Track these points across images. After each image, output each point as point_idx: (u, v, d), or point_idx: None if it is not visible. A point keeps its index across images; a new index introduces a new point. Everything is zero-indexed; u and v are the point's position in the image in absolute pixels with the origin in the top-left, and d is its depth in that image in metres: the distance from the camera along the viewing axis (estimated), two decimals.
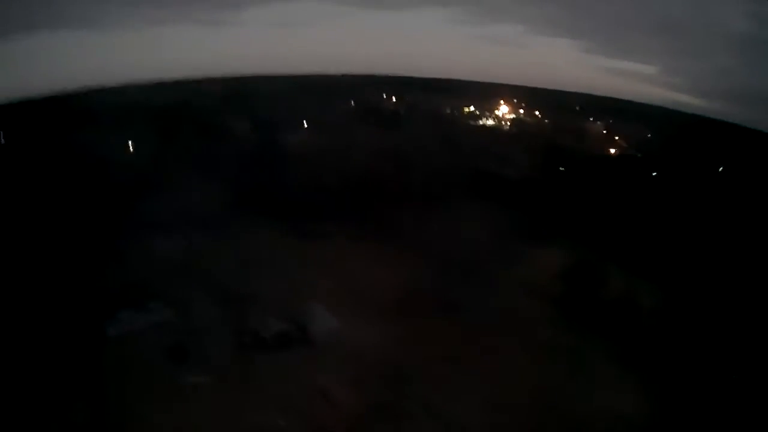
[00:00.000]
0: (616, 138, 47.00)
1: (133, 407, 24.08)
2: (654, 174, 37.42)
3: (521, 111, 53.63)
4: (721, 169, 39.07)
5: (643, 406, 24.40)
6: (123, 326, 28.27)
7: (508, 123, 53.36)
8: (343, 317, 29.64)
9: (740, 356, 26.23)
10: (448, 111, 52.08)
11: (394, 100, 51.01)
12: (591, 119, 50.69)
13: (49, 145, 37.96)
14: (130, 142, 41.95)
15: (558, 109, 49.93)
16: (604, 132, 48.41)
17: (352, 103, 50.11)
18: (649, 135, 45.80)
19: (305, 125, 47.23)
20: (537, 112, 52.42)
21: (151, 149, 39.84)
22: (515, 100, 54.08)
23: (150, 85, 46.58)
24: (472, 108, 54.43)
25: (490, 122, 53.83)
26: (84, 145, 36.96)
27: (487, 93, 53.10)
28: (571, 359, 26.69)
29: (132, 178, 35.51)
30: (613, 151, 43.79)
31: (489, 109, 54.14)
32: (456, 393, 24.99)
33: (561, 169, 40.19)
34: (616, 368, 26.07)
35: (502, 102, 53.73)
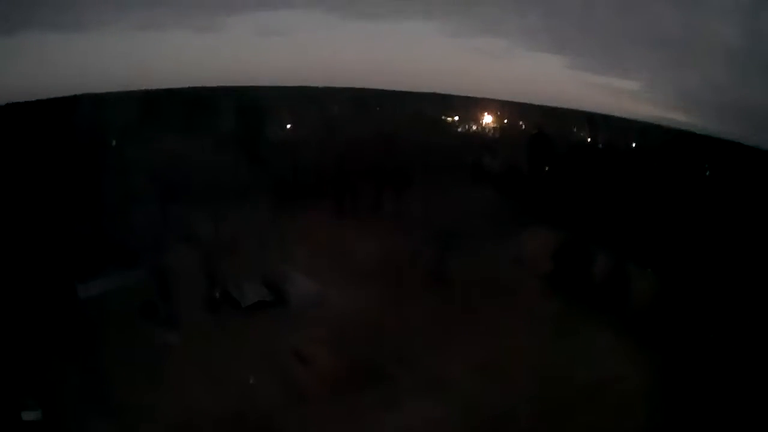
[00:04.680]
0: (599, 146, 48.32)
1: (106, 366, 23.97)
2: (635, 178, 38.34)
3: (504, 121, 55.19)
4: (705, 173, 40.08)
5: (636, 371, 24.23)
6: (100, 287, 28.38)
7: (491, 131, 54.87)
8: (323, 283, 29.52)
9: (727, 323, 26.52)
10: (434, 119, 53.64)
11: (376, 109, 52.23)
12: (574, 129, 52.20)
13: (35, 143, 38.26)
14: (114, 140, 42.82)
15: (541, 120, 51.43)
16: (588, 141, 49.85)
17: (335, 111, 51.50)
18: (633, 145, 47.21)
19: (289, 127, 48.48)
20: (520, 122, 54.14)
21: (136, 138, 40.71)
22: (499, 113, 55.69)
23: (138, 92, 47.11)
24: (457, 117, 56.05)
25: (474, 129, 55.44)
26: (71, 146, 37.60)
27: (472, 105, 54.90)
28: (562, 327, 26.50)
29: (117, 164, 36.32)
30: (595, 156, 45.05)
31: (473, 118, 55.66)
32: (440, 356, 24.79)
33: (545, 168, 41.62)
34: (608, 336, 25.98)
35: (486, 114, 55.41)
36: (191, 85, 50.16)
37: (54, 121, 43.08)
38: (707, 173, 41.37)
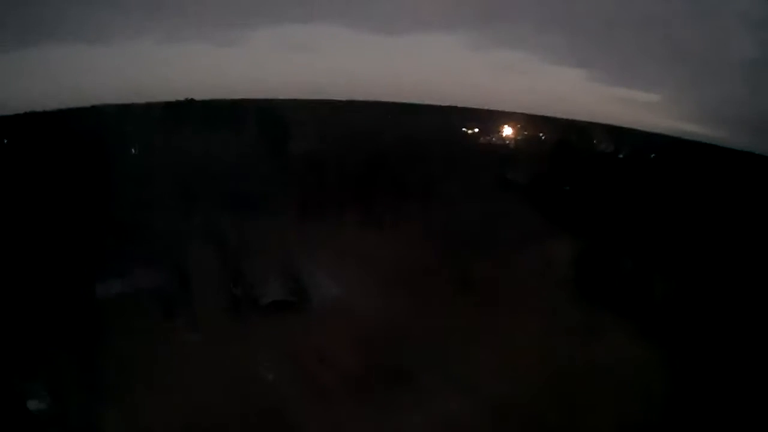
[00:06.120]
0: (620, 157, 48.40)
1: (126, 366, 24.04)
2: (654, 189, 38.43)
3: (525, 134, 55.34)
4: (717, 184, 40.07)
5: (661, 373, 24.00)
6: (120, 286, 28.65)
7: (513, 143, 55.05)
8: (345, 285, 29.59)
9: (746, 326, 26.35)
10: (456, 131, 54.10)
11: (399, 121, 52.72)
12: (595, 141, 52.41)
13: (53, 153, 39.17)
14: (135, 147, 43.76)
15: (562, 133, 51.74)
16: (609, 152, 49.90)
17: (359, 123, 51.78)
18: (653, 157, 47.24)
19: (313, 141, 48.90)
20: (541, 135, 54.36)
21: (160, 150, 41.41)
22: (521, 126, 55.97)
23: (158, 104, 48.13)
24: (479, 130, 56.36)
25: (496, 141, 55.66)
26: (90, 154, 38.29)
27: (494, 118, 55.33)
28: (584, 332, 26.31)
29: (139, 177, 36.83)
30: (615, 167, 44.99)
31: (495, 131, 55.95)
32: (465, 357, 24.44)
33: (567, 178, 41.70)
34: (630, 340, 25.71)
35: (507, 126, 55.71)
36: (214, 97, 51.02)
37: (76, 128, 44.01)
38: (716, 184, 41.54)
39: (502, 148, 55.46)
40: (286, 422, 21.38)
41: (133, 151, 42.79)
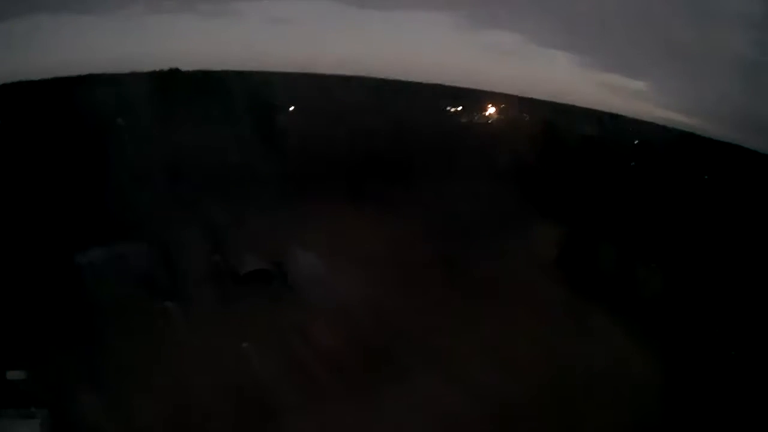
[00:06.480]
0: (604, 141, 48.26)
1: (102, 337, 23.22)
2: (639, 175, 38.43)
3: (513, 115, 54.71)
4: (704, 176, 40.05)
5: (648, 362, 23.64)
6: (100, 257, 27.97)
7: (499, 124, 54.42)
8: (331, 265, 29.05)
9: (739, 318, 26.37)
10: (444, 111, 53.28)
11: (386, 98, 51.81)
12: (582, 126, 52.05)
13: (45, 124, 38.35)
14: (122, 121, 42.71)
15: (549, 114, 51.41)
16: (593, 136, 49.68)
17: (344, 98, 50.89)
18: (640, 144, 47.23)
19: (300, 115, 48.16)
20: (530, 118, 53.74)
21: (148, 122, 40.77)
22: (506, 106, 55.31)
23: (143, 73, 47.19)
24: (467, 110, 55.60)
25: (483, 122, 55.07)
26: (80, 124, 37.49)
27: (483, 98, 54.64)
28: (570, 318, 26.40)
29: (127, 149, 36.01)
30: (600, 151, 44.79)
31: (483, 112, 55.22)
32: (455, 343, 23.79)
33: (553, 163, 41.45)
34: (616, 327, 25.52)
35: (494, 106, 54.94)
36: (200, 68, 49.96)
37: (62, 98, 42.93)
38: (705, 176, 41.57)
39: (490, 129, 54.36)
40: (281, 420, 20.36)
41: (117, 120, 41.94)
